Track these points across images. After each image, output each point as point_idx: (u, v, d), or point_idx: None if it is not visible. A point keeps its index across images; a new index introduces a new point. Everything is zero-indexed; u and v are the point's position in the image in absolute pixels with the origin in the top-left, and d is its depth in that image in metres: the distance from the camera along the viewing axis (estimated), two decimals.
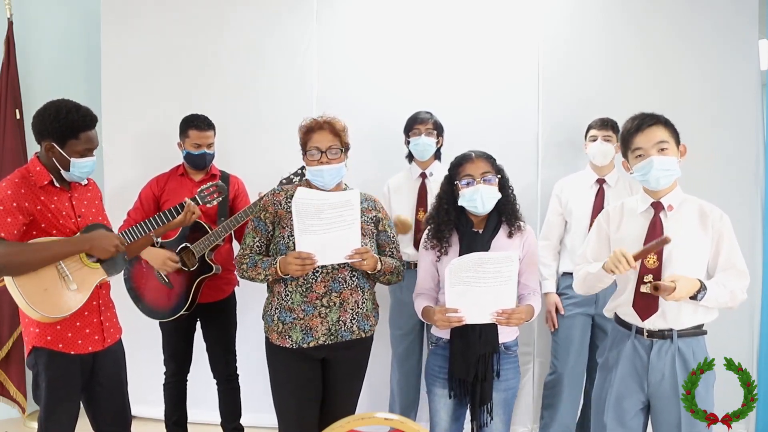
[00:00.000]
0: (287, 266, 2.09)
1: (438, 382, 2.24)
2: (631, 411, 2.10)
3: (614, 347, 2.16)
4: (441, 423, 2.25)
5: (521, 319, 2.10)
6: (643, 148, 2.02)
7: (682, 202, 2.08)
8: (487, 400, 2.17)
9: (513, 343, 2.25)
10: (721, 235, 2.03)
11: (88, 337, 2.20)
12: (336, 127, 2.22)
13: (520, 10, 3.35)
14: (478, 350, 2.14)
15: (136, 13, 3.55)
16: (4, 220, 2.01)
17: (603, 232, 2.18)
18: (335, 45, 3.47)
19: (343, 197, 2.08)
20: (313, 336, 2.17)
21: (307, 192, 2.10)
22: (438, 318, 2.11)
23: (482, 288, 2.04)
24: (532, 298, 2.23)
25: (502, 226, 2.24)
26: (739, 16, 3.23)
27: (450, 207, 2.25)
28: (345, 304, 2.19)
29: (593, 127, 2.98)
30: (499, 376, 2.18)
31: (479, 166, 2.20)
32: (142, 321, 2.83)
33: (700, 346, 2.05)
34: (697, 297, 1.96)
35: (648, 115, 2.05)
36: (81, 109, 2.12)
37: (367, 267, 2.16)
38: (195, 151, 2.93)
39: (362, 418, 1.43)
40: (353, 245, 2.11)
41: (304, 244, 2.08)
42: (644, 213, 2.10)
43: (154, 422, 3.26)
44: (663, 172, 2.01)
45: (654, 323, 2.04)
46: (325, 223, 2.06)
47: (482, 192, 2.17)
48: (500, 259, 2.04)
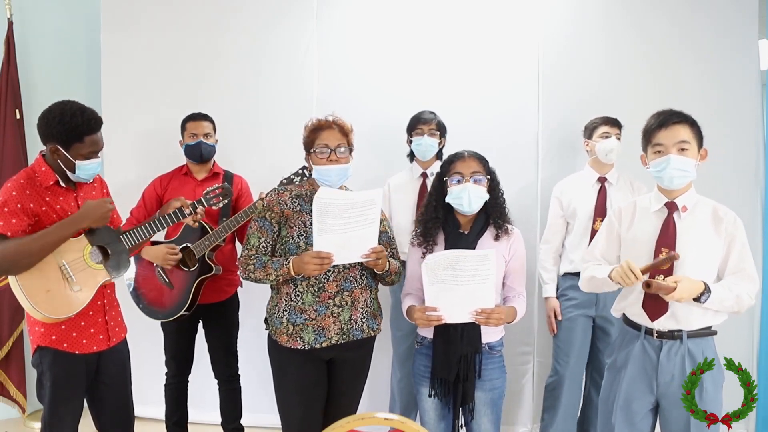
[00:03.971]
0: (303, 266, 2.07)
1: (424, 382, 2.25)
2: (640, 412, 2.08)
3: (623, 348, 2.14)
4: (429, 422, 2.26)
5: (500, 319, 2.11)
6: (664, 144, 2.01)
7: (696, 203, 2.06)
8: (468, 400, 2.18)
9: (498, 344, 2.25)
10: (733, 239, 2.01)
11: (93, 336, 2.21)
12: (344, 127, 2.23)
13: (520, 10, 3.35)
14: (460, 350, 2.15)
15: (137, 13, 3.56)
16: (9, 221, 2.01)
17: (614, 230, 2.17)
18: (335, 45, 3.47)
19: (367, 196, 2.08)
20: (325, 336, 2.16)
21: (330, 191, 2.08)
22: (418, 317, 2.13)
23: (460, 287, 2.06)
24: (516, 301, 2.23)
25: (489, 228, 2.24)
26: (739, 16, 3.22)
27: (438, 204, 2.25)
28: (356, 303, 2.20)
29: (602, 124, 2.94)
30: (481, 376, 2.19)
31: (470, 165, 2.21)
32: (143, 321, 2.83)
33: (710, 347, 2.04)
34: (700, 299, 1.94)
35: (675, 113, 2.04)
36: (86, 112, 2.10)
37: (381, 266, 2.17)
38: (192, 141, 2.93)
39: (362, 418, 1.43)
40: (370, 244, 2.12)
41: (322, 244, 2.06)
42: (657, 213, 2.08)
43: (154, 422, 3.26)
44: (678, 172, 1.99)
45: (663, 324, 2.03)
46: (346, 222, 2.06)
47: (470, 191, 2.17)
48: (476, 258, 2.04)
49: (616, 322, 2.86)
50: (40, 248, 2.03)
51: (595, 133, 2.97)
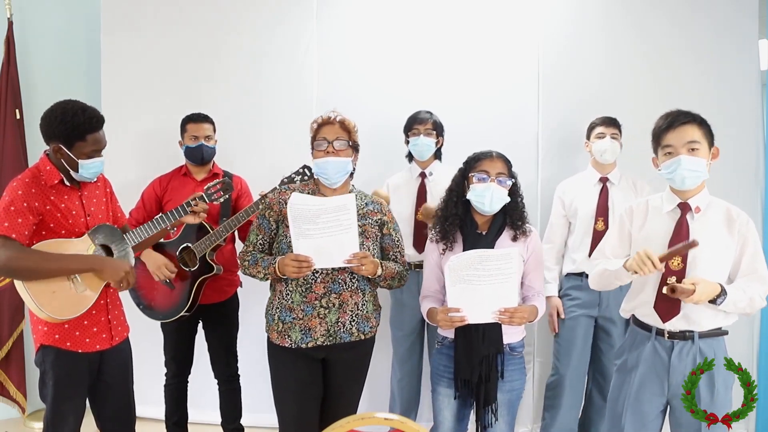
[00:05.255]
0: (284, 267, 2.10)
1: (443, 381, 2.24)
2: (651, 414, 2.07)
3: (633, 349, 2.12)
4: (444, 422, 2.25)
5: (524, 318, 2.10)
6: (674, 145, 1.99)
7: (709, 204, 2.06)
8: (491, 401, 2.17)
9: (518, 344, 2.24)
10: (746, 240, 2.01)
11: (96, 335, 2.21)
12: (347, 124, 2.24)
13: (520, 10, 3.35)
14: (482, 351, 2.13)
15: (136, 13, 3.56)
16: (15, 220, 2.01)
17: (625, 229, 2.15)
18: (335, 45, 3.47)
19: (339, 202, 2.08)
20: (311, 336, 2.17)
21: (302, 197, 2.10)
22: (441, 318, 2.11)
23: (483, 286, 2.04)
24: (537, 299, 2.22)
25: (506, 229, 2.24)
26: (739, 16, 3.23)
27: (458, 201, 2.25)
28: (344, 305, 2.19)
29: (599, 125, 2.97)
30: (504, 377, 2.17)
31: (497, 165, 2.20)
32: (143, 321, 2.83)
33: (721, 347, 2.03)
34: (716, 301, 1.93)
35: (683, 113, 2.03)
36: (87, 111, 2.11)
37: (366, 272, 2.15)
38: (192, 144, 2.93)
39: (362, 418, 1.43)
40: (351, 249, 2.11)
41: (301, 248, 2.09)
42: (670, 213, 2.07)
43: (154, 422, 3.26)
44: (690, 172, 1.98)
45: (675, 325, 2.02)
46: (321, 227, 2.07)
47: (493, 191, 2.17)
48: (500, 256, 2.03)
49: (619, 323, 2.87)
50: (47, 271, 2.04)
51: (592, 133, 3.00)
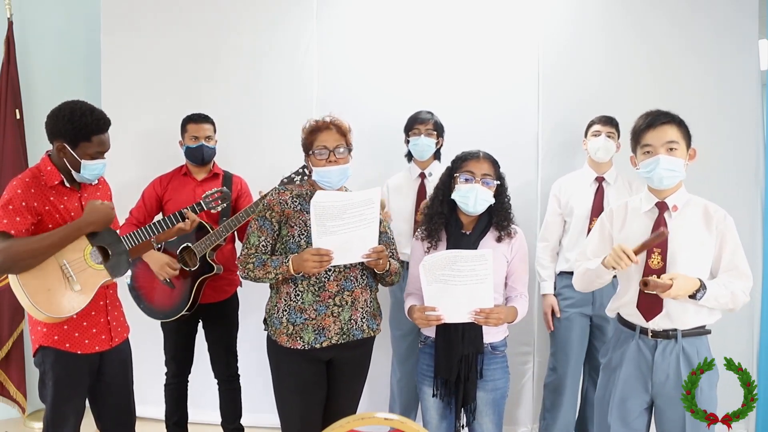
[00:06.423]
0: (303, 263, 2.06)
1: (426, 381, 2.25)
2: (635, 411, 2.09)
3: (618, 347, 2.15)
4: (431, 421, 2.26)
5: (500, 319, 2.10)
6: (653, 145, 2.01)
7: (686, 202, 2.07)
8: (470, 401, 2.18)
9: (501, 344, 2.25)
10: (724, 236, 2.02)
11: (95, 336, 2.21)
12: (342, 127, 2.22)
13: (520, 10, 3.35)
14: (462, 350, 2.15)
15: (136, 13, 3.56)
16: (13, 219, 2.02)
17: (606, 230, 2.18)
18: (335, 45, 3.47)
19: (366, 195, 2.07)
20: (325, 336, 2.16)
21: (328, 194, 2.08)
22: (417, 316, 2.13)
23: (458, 287, 2.05)
24: (518, 301, 2.23)
25: (491, 230, 2.24)
26: (739, 16, 3.23)
27: (444, 200, 2.25)
28: (356, 302, 2.19)
29: (596, 123, 2.97)
30: (483, 376, 2.18)
31: (483, 166, 2.20)
32: (143, 321, 2.83)
33: (704, 346, 2.05)
34: (696, 296, 1.95)
35: (662, 113, 2.05)
36: (95, 112, 2.14)
37: (382, 266, 2.17)
38: (193, 144, 2.93)
39: (362, 418, 1.42)
40: (371, 244, 2.11)
41: (322, 246, 2.06)
42: (648, 213, 2.09)
43: (154, 422, 3.26)
44: (668, 172, 2.00)
45: (658, 323, 2.04)
46: (346, 223, 2.05)
47: (478, 192, 2.17)
48: (473, 257, 2.04)
49: (612, 321, 2.87)
50: (44, 249, 2.03)
51: (589, 131, 3.00)
